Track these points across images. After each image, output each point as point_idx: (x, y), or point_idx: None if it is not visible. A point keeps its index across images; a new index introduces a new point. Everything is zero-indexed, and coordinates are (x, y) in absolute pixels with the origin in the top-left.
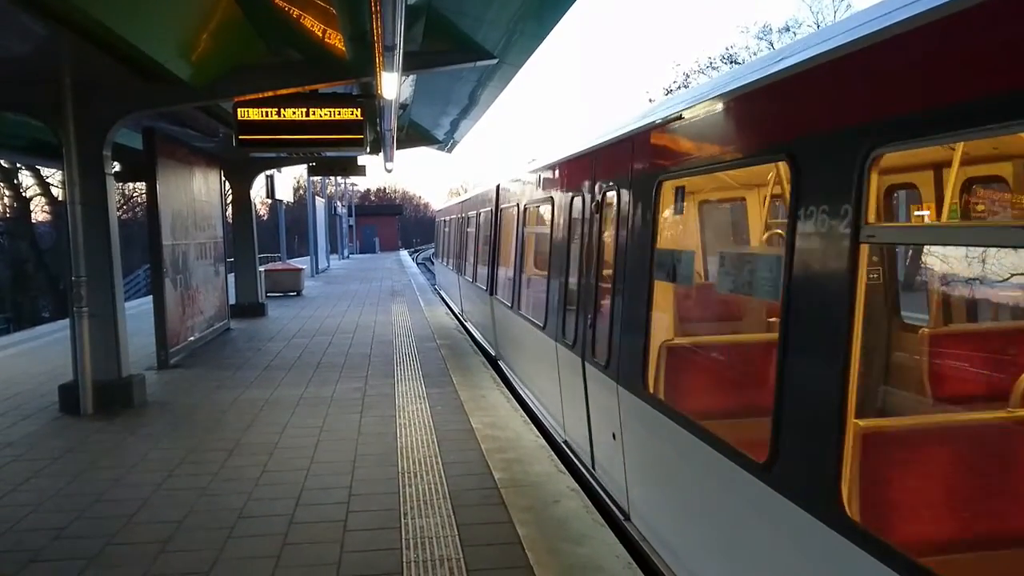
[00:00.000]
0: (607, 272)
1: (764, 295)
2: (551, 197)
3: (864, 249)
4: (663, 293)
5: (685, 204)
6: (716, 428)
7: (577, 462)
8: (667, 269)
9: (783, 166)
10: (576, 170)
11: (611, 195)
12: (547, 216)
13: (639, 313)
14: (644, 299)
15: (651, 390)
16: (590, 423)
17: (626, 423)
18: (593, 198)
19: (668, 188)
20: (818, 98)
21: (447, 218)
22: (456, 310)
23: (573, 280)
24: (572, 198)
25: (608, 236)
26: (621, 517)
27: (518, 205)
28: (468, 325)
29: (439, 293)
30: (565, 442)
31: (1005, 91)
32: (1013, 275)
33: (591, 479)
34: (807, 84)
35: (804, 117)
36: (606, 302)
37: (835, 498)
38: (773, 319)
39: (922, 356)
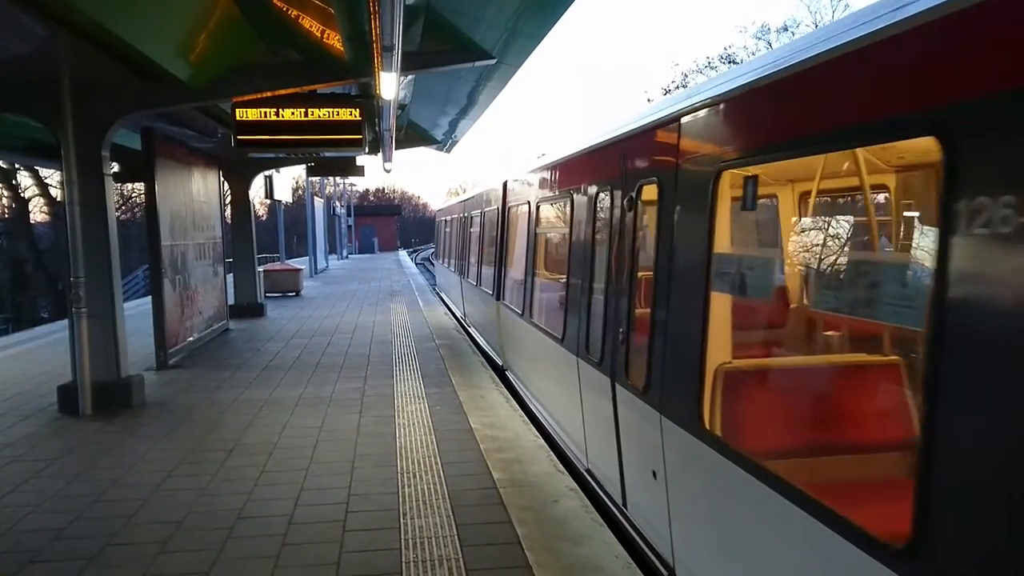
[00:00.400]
0: (644, 279)
1: (898, 314)
2: (569, 193)
3: None
4: (725, 306)
5: (758, 198)
6: (816, 487)
7: (602, 495)
8: (732, 278)
9: (927, 143)
10: (601, 161)
11: (649, 189)
12: (564, 214)
13: (693, 330)
14: (699, 313)
15: (710, 426)
16: (621, 455)
17: (673, 463)
18: (625, 193)
19: (734, 178)
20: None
21: (448, 217)
22: (458, 314)
23: (599, 287)
24: (597, 194)
25: (646, 237)
26: (665, 573)
27: (529, 203)
28: (472, 331)
29: (439, 295)
30: (588, 471)
31: None
32: None
33: (621, 518)
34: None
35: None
36: (646, 315)
37: None
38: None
39: None
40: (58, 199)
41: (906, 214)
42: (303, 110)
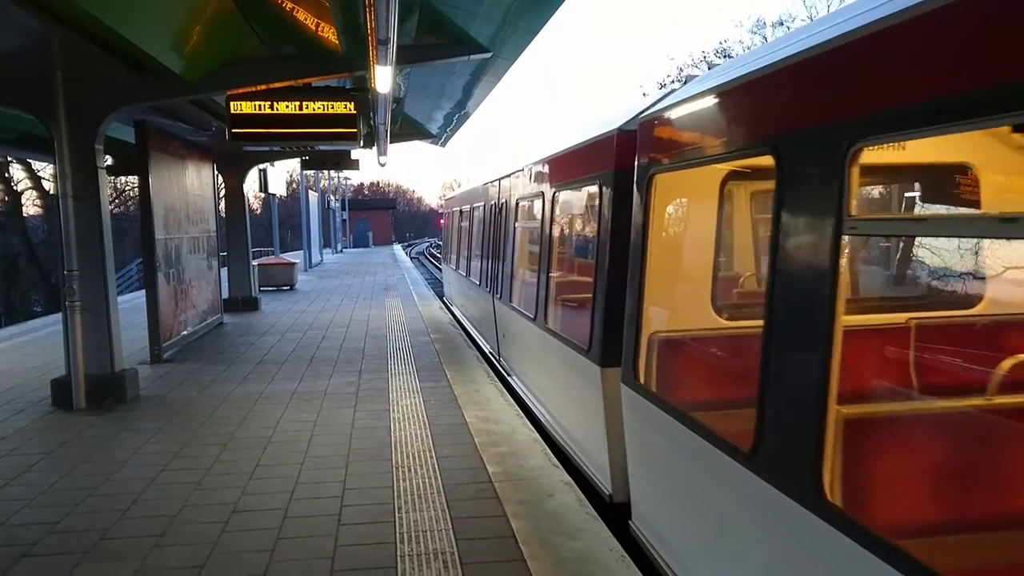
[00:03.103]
0: None
1: None
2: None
3: None
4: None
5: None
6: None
7: None
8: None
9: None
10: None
11: None
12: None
13: None
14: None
15: None
16: None
17: None
18: None
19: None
20: None
21: (471, 208)
22: (487, 348)
23: None
24: None
25: None
26: None
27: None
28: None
29: (449, 308)
30: None
31: None
32: None
33: None
34: None
35: None
36: None
37: None
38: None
39: None
40: (51, 192)
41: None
42: (298, 103)
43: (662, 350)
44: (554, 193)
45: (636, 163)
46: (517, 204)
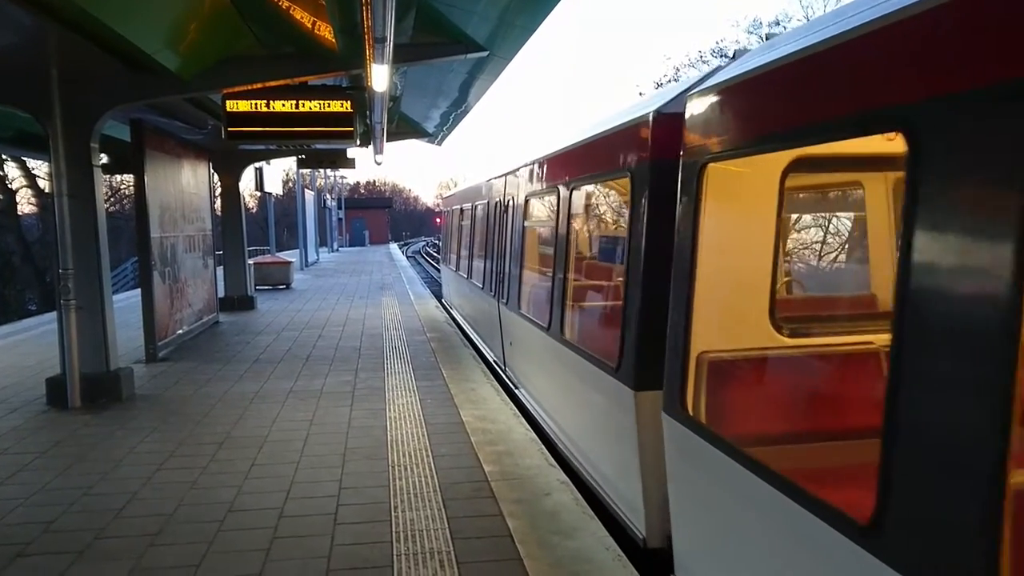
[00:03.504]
0: None
1: None
2: None
3: None
4: None
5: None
6: None
7: None
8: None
9: None
10: None
11: None
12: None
13: None
14: None
15: None
16: None
17: None
18: None
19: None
20: None
21: (474, 206)
22: (490, 356)
23: None
24: None
25: None
26: None
27: None
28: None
29: (449, 311)
30: None
31: None
32: None
33: None
34: None
35: None
36: None
37: None
38: None
39: None
40: (46, 190)
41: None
42: (294, 102)
43: (719, 373)
44: (572, 189)
45: (683, 150)
46: (527, 201)
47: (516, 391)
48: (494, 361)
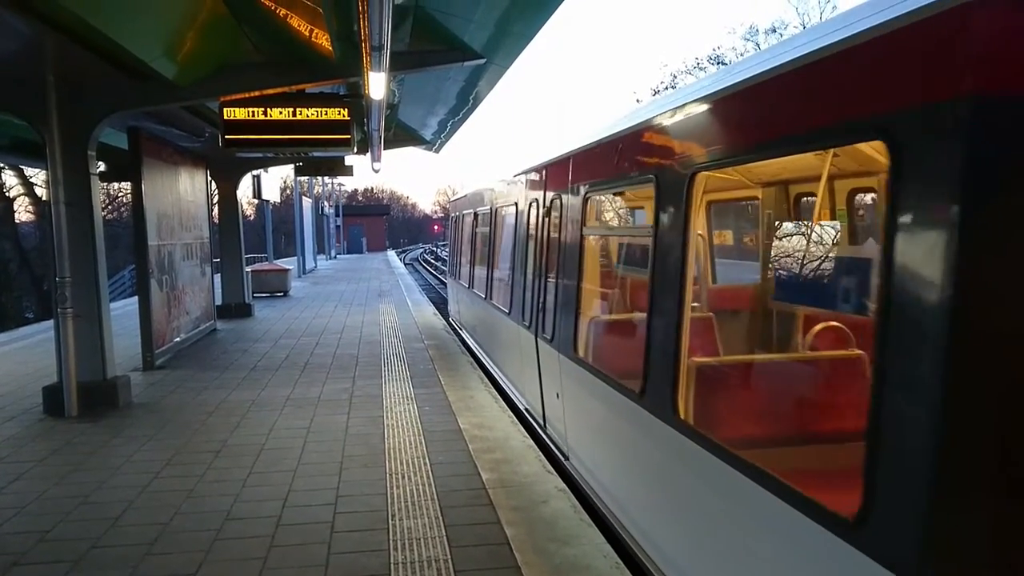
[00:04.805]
0: None
1: None
2: None
3: None
4: None
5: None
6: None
7: None
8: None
9: None
10: None
11: None
12: None
13: None
14: None
15: None
16: None
17: None
18: None
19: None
20: None
21: (494, 209)
22: (512, 392)
23: None
24: None
25: None
26: None
27: None
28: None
29: (455, 329)
30: None
31: None
32: None
33: None
34: None
35: None
36: None
37: None
38: None
39: None
40: (43, 198)
41: None
42: (291, 109)
43: None
44: (692, 175)
45: None
46: (586, 201)
47: (576, 475)
48: (528, 410)
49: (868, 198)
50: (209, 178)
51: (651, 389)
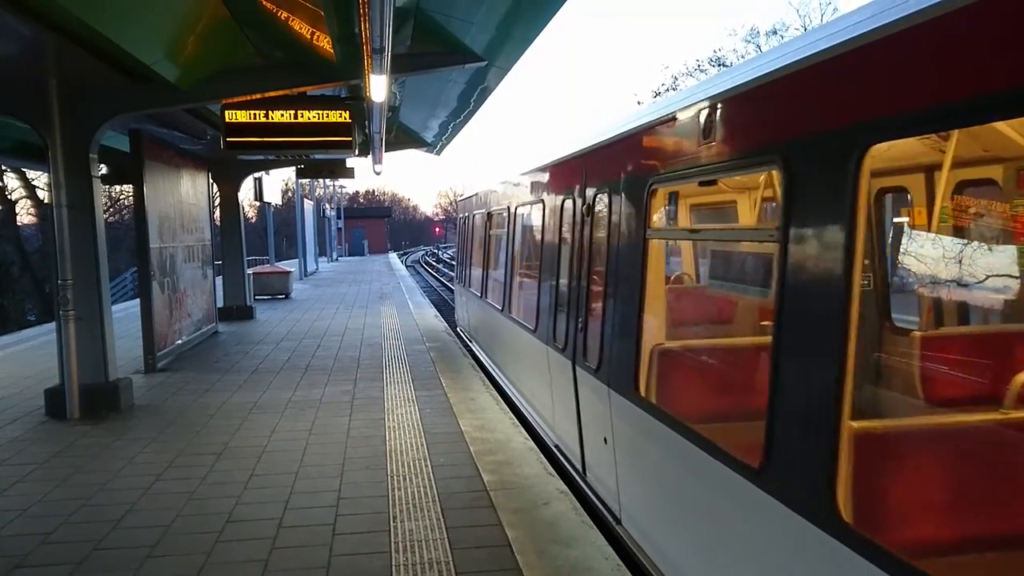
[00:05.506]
0: None
1: None
2: None
3: None
4: None
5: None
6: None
7: None
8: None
9: None
10: None
11: None
12: None
13: None
14: None
15: None
16: None
17: None
18: None
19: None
20: None
21: (513, 209)
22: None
23: None
24: None
25: None
26: None
27: None
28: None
29: (465, 340)
30: None
31: None
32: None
33: None
34: None
35: None
36: None
37: None
38: None
39: None
40: (45, 201)
41: None
42: (293, 112)
43: None
44: (863, 151)
45: None
46: (650, 195)
47: (617, 526)
48: (555, 446)
49: None
50: (211, 180)
51: (781, 465)
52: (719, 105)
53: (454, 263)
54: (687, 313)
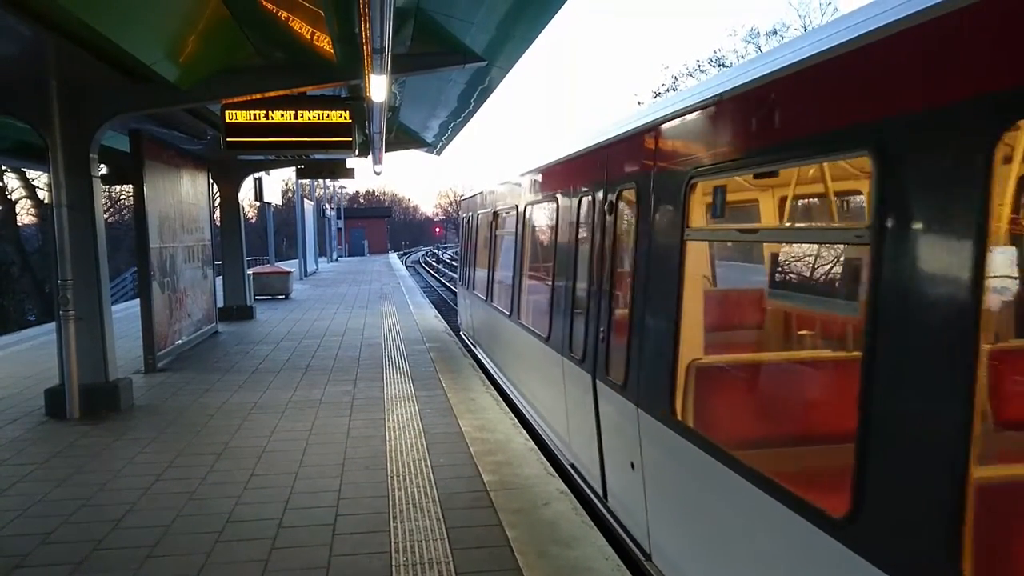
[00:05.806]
0: None
1: None
2: None
3: None
4: None
5: None
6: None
7: None
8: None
9: None
10: None
11: None
12: None
13: None
14: None
15: None
16: None
17: None
18: None
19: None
20: None
21: (526, 206)
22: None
23: None
24: None
25: None
26: None
27: None
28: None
29: (470, 345)
30: None
31: None
32: None
33: None
34: None
35: None
36: None
37: None
38: None
39: None
40: (45, 201)
41: None
42: (293, 112)
43: None
44: (1001, 130)
45: None
46: (689, 190)
47: (646, 561)
48: (570, 465)
49: None
50: (211, 180)
51: (877, 519)
52: (781, 87)
53: (454, 263)
54: (734, 323)
